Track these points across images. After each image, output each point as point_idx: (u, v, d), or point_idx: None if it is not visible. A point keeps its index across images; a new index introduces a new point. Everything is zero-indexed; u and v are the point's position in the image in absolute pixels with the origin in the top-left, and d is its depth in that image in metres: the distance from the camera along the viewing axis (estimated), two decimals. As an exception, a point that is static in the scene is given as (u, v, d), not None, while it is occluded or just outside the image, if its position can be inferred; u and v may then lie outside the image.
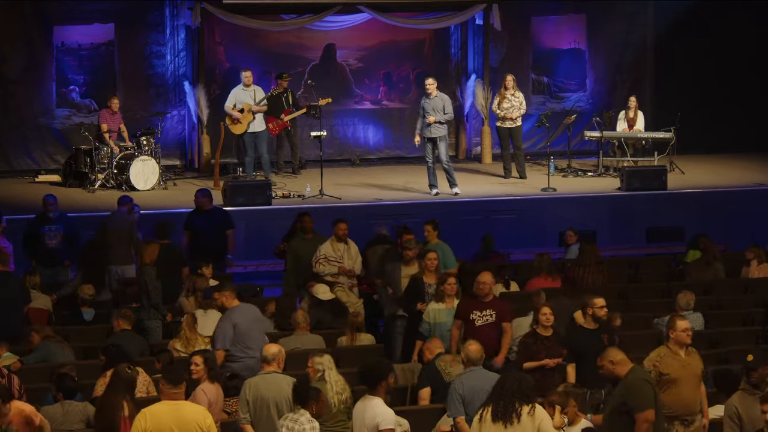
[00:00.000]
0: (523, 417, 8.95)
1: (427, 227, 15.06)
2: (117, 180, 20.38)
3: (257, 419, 10.02)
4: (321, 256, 14.85)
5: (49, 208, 16.12)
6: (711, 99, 24.27)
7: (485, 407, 9.09)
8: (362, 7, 22.80)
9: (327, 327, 13.70)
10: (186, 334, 12.54)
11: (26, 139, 22.19)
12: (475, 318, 12.30)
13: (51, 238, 15.98)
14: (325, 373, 10.27)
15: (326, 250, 14.88)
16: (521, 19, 24.32)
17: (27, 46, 22.07)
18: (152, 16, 22.70)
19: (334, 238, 14.95)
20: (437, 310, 12.74)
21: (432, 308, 12.80)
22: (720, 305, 14.59)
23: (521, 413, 8.96)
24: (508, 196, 20.20)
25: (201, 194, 16.62)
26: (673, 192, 20.49)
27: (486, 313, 12.31)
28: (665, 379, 10.25)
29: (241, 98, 20.75)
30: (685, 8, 24.32)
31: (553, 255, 16.09)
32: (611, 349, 9.87)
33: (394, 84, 24.01)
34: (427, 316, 12.76)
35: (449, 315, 12.61)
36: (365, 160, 23.71)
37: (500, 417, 8.97)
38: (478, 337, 11.30)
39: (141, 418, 9.00)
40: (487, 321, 12.29)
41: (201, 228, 16.23)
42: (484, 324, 12.27)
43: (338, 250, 14.85)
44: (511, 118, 21.54)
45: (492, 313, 12.31)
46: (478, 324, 12.26)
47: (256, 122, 20.79)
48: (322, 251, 14.88)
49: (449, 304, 12.72)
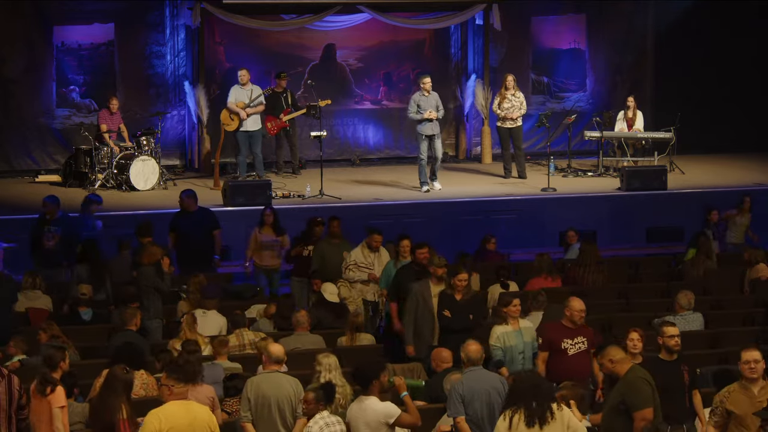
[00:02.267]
0: (556, 416, 8.90)
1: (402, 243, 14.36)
2: (117, 180, 20.38)
3: (258, 418, 10.03)
4: (351, 262, 14.69)
5: (46, 209, 16.15)
6: (711, 99, 24.27)
7: (514, 411, 8.85)
8: (362, 7, 22.80)
9: (327, 327, 13.71)
10: (186, 334, 12.55)
11: (26, 139, 22.19)
12: (568, 347, 11.42)
13: (49, 239, 15.99)
14: (321, 374, 10.33)
15: (356, 256, 14.73)
16: (521, 19, 24.32)
17: (27, 46, 22.07)
18: (152, 16, 22.70)
19: (365, 245, 14.77)
20: (506, 333, 11.88)
21: (499, 331, 11.90)
22: (720, 305, 14.59)
23: (554, 412, 8.92)
24: (508, 196, 20.20)
25: (186, 195, 16.62)
26: (673, 192, 20.49)
27: (578, 341, 11.47)
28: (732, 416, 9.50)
29: (238, 96, 20.78)
30: (685, 8, 24.33)
31: (553, 255, 16.09)
32: (611, 348, 9.86)
33: (394, 84, 24.01)
34: (497, 340, 11.85)
35: (518, 337, 11.86)
36: (365, 160, 23.71)
37: (536, 420, 8.79)
38: (571, 368, 10.85)
39: (154, 420, 8.70)
40: (580, 349, 11.46)
41: (187, 229, 16.22)
42: (577, 352, 11.43)
43: (369, 257, 14.69)
44: (512, 118, 21.55)
45: (584, 340, 11.47)
46: (571, 353, 11.41)
47: (250, 121, 20.80)
48: (352, 257, 14.72)
49: (515, 326, 11.94)
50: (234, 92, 20.86)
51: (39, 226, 16.12)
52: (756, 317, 14.11)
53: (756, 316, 14.14)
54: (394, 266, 14.11)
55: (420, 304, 12.79)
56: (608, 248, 18.37)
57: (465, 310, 12.52)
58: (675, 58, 24.61)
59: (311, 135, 20.71)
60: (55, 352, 10.62)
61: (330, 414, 9.65)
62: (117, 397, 9.47)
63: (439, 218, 19.29)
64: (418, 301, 12.81)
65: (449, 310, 12.47)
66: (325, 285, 14.35)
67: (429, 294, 12.78)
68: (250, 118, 20.79)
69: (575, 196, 20.35)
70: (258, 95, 20.85)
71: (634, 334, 10.91)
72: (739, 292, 15.36)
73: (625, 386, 9.56)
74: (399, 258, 14.24)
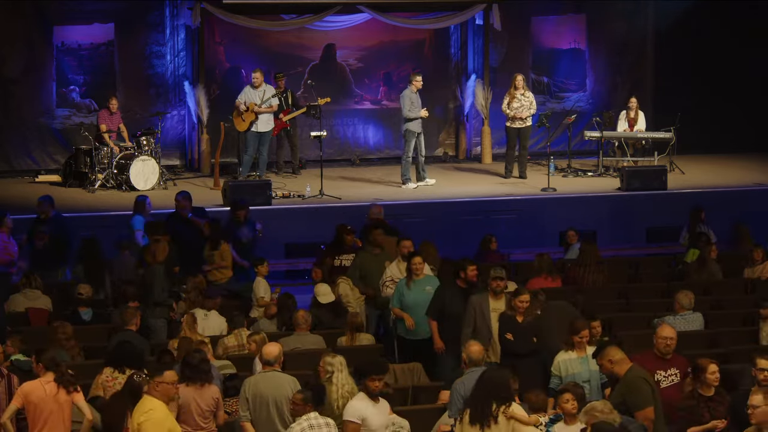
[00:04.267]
0: (500, 419, 8.93)
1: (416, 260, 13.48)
2: (117, 180, 20.38)
3: (257, 417, 10.05)
4: (388, 278, 13.94)
5: (42, 208, 16.18)
6: (711, 99, 24.27)
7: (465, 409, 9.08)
8: (362, 7, 22.79)
9: (327, 327, 13.70)
10: (186, 334, 12.53)
11: (26, 139, 22.20)
12: (660, 379, 10.57)
13: (39, 239, 15.98)
14: (333, 375, 10.26)
15: (393, 272, 13.96)
16: (521, 19, 24.32)
17: (27, 46, 22.07)
18: (152, 16, 22.70)
19: (399, 258, 14.00)
20: (568, 361, 11.15)
21: (561, 358, 11.19)
22: (720, 305, 14.59)
23: (497, 415, 8.93)
24: (508, 196, 20.20)
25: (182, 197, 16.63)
26: (673, 192, 20.49)
27: (671, 373, 10.69)
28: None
29: (249, 97, 20.77)
30: (685, 8, 24.32)
31: (553, 255, 16.08)
32: (610, 348, 9.87)
33: (394, 84, 23.99)
34: (556, 368, 11.14)
35: (583, 364, 11.09)
36: (365, 160, 23.72)
37: (477, 419, 8.94)
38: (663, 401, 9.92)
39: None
40: (673, 381, 10.67)
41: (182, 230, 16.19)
42: (670, 385, 10.61)
43: (404, 271, 13.65)
44: (521, 118, 21.52)
45: (676, 372, 10.69)
46: (664, 385, 10.54)
47: (261, 122, 20.76)
48: (388, 273, 13.98)
49: (582, 353, 11.16)
50: (246, 93, 20.84)
51: (32, 226, 16.11)
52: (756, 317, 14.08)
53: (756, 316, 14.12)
54: (407, 285, 13.31)
55: (478, 318, 12.24)
56: (608, 248, 18.36)
57: (528, 332, 11.85)
58: (675, 58, 24.61)
59: (311, 135, 20.73)
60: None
61: (319, 416, 9.50)
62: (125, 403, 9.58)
63: (439, 218, 19.29)
64: (475, 315, 12.25)
65: (511, 333, 11.82)
66: (317, 286, 14.29)
67: (488, 308, 12.25)
68: (261, 119, 20.75)
69: (575, 196, 20.35)
70: (270, 95, 20.83)
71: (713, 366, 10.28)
72: (740, 293, 15.35)
73: (624, 387, 9.57)
74: (412, 276, 13.29)
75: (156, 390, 9.40)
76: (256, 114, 20.68)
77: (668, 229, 19.47)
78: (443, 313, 12.73)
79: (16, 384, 10.56)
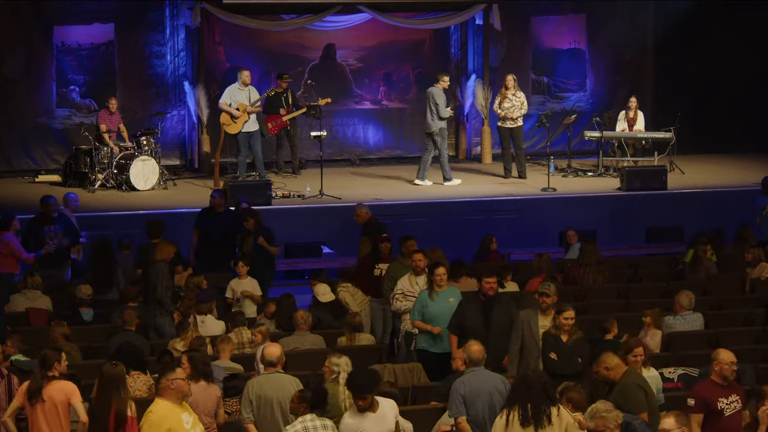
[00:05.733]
0: (553, 419, 8.89)
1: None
2: (117, 180, 20.38)
3: (260, 419, 10.03)
4: (398, 291, 13.41)
5: (53, 208, 16.11)
6: (711, 99, 24.28)
7: (510, 410, 8.94)
8: (362, 7, 22.80)
9: (327, 327, 13.70)
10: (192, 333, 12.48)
11: (26, 139, 22.20)
12: (724, 407, 9.95)
13: (52, 238, 15.95)
14: (339, 375, 10.16)
15: (403, 284, 13.40)
16: (521, 19, 24.33)
17: (27, 46, 22.07)
18: (152, 16, 22.70)
19: (411, 271, 13.41)
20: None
21: None
22: (720, 305, 14.59)
23: (551, 415, 8.91)
24: (508, 196, 20.20)
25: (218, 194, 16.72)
26: (673, 192, 20.49)
27: (733, 399, 10.04)
28: None
29: (237, 97, 20.72)
30: (686, 8, 24.33)
31: (553, 255, 16.09)
32: (606, 355, 9.88)
33: (394, 84, 24.01)
34: None
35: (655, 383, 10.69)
36: (365, 160, 23.72)
37: (531, 420, 8.84)
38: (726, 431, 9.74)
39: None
40: (735, 408, 10.03)
41: (211, 228, 16.24)
42: (733, 413, 10.00)
43: (415, 284, 13.30)
44: (512, 118, 21.54)
45: (737, 398, 10.07)
46: (728, 413, 9.95)
47: (250, 122, 20.78)
48: (399, 286, 13.43)
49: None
50: (231, 92, 20.74)
51: (39, 224, 16.07)
52: (756, 317, 14.10)
53: (756, 316, 14.14)
54: (429, 296, 12.77)
55: (526, 335, 11.69)
56: (608, 248, 18.36)
57: (573, 352, 11.37)
58: (675, 58, 24.61)
59: (311, 135, 20.74)
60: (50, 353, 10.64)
61: (317, 417, 9.36)
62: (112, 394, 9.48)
63: (439, 218, 19.29)
64: (523, 331, 11.71)
65: (555, 353, 11.41)
66: (317, 286, 14.28)
67: (536, 324, 11.69)
68: (250, 119, 20.76)
69: (575, 196, 20.35)
70: (258, 99, 20.80)
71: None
72: (740, 292, 15.35)
73: (618, 393, 9.60)
74: (434, 287, 12.76)
75: (171, 388, 9.14)
76: (248, 114, 20.66)
77: (668, 229, 19.47)
78: (463, 327, 12.20)
79: (16, 384, 10.57)
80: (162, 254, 14.42)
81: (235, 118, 20.63)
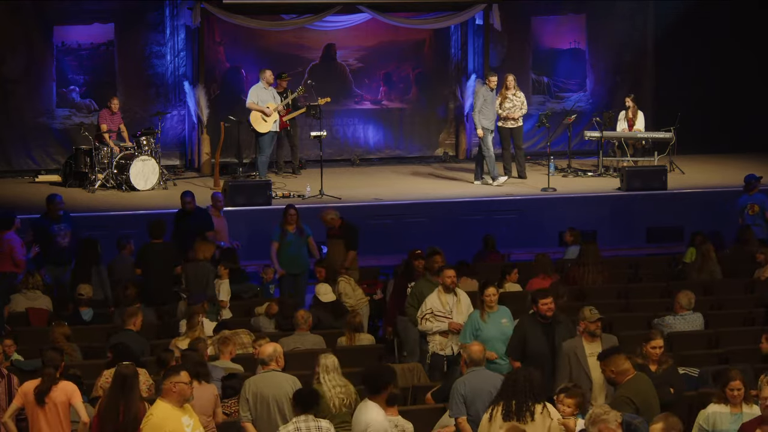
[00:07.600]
0: (536, 416, 8.92)
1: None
2: (117, 180, 20.38)
3: (258, 417, 10.03)
4: (427, 311, 12.70)
5: (60, 206, 16.10)
6: (711, 99, 24.28)
7: (495, 405, 9.07)
8: (362, 7, 22.79)
9: (327, 327, 13.70)
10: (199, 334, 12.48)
11: (26, 139, 22.19)
12: None
13: (63, 237, 15.93)
14: (319, 375, 10.20)
15: (432, 303, 12.70)
16: (521, 19, 24.32)
17: (27, 46, 22.07)
18: (152, 16, 22.70)
19: (440, 288, 12.79)
20: (719, 414, 9.72)
21: (711, 410, 9.75)
22: (720, 305, 14.59)
23: (534, 412, 8.93)
24: (508, 196, 20.20)
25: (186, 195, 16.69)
26: (673, 192, 20.49)
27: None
28: None
29: (263, 97, 20.75)
30: (686, 8, 24.33)
31: (553, 255, 16.08)
32: (617, 357, 9.83)
33: (394, 84, 24.00)
34: (705, 420, 9.71)
35: (736, 422, 9.55)
36: (365, 160, 23.71)
37: (513, 416, 8.91)
38: None
39: None
40: None
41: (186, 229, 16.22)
42: None
43: (446, 303, 12.69)
44: (513, 118, 21.53)
45: None
46: None
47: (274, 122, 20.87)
48: (428, 305, 12.71)
49: (736, 409, 9.69)
50: (257, 92, 20.80)
51: (47, 223, 16.01)
52: (756, 317, 14.10)
53: (756, 316, 14.14)
54: (481, 317, 12.19)
55: (573, 366, 10.91)
56: (608, 248, 18.37)
57: (664, 382, 10.54)
58: (675, 58, 24.61)
59: (311, 135, 20.74)
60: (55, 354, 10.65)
61: (311, 419, 9.30)
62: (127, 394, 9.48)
63: (439, 218, 19.29)
64: (571, 363, 10.92)
65: None
66: (318, 286, 14.29)
67: (583, 353, 10.88)
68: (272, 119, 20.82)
69: (575, 196, 20.35)
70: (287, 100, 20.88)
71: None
72: (740, 292, 15.35)
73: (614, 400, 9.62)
74: (485, 309, 12.19)
75: (173, 391, 9.02)
76: (279, 114, 20.75)
77: (668, 229, 19.47)
78: (526, 352, 11.49)
79: (16, 384, 10.57)
80: (204, 253, 14.48)
81: (267, 116, 20.64)
